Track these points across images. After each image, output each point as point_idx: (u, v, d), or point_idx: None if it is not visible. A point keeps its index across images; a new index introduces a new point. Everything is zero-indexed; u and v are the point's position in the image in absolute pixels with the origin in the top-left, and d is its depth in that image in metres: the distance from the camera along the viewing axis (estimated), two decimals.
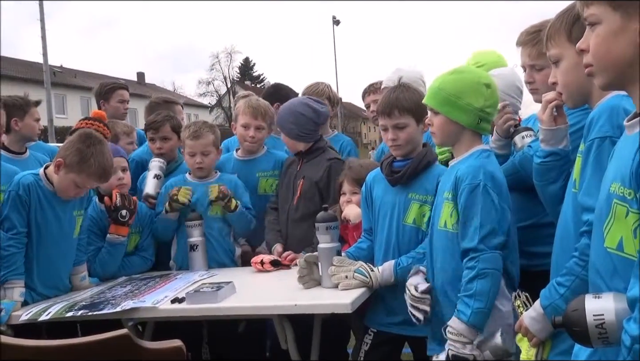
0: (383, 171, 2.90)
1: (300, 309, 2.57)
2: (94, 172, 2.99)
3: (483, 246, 2.28)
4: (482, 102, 2.43)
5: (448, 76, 2.50)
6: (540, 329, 1.96)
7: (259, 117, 3.77)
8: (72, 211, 3.12)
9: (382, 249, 2.87)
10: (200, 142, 3.58)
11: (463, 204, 2.35)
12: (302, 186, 3.47)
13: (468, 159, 2.44)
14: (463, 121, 2.44)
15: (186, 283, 3.07)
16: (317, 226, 2.79)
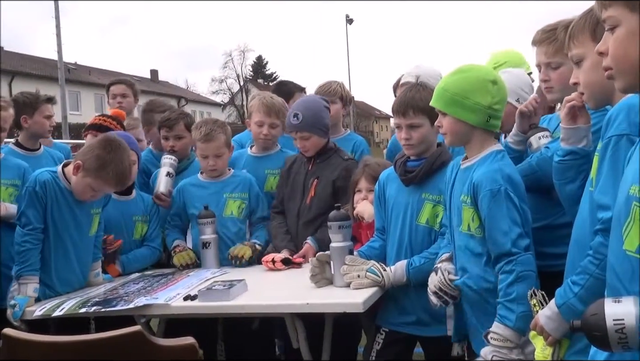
0: (397, 170, 2.89)
1: (312, 308, 2.57)
2: (110, 180, 3.02)
3: (516, 250, 2.26)
4: (489, 99, 2.41)
5: (452, 76, 2.48)
6: (555, 328, 1.95)
7: (273, 115, 3.77)
8: (89, 209, 3.16)
9: (394, 249, 2.86)
10: (213, 145, 3.58)
11: (486, 210, 2.31)
12: (316, 186, 3.46)
13: (483, 163, 2.41)
14: (472, 120, 2.42)
15: (198, 280, 3.08)
16: (330, 225, 2.78)
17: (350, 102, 4.40)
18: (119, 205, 3.54)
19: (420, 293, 2.76)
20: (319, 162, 3.52)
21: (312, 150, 3.50)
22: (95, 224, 3.20)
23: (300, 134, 3.46)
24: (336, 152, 3.54)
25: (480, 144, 2.46)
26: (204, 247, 3.45)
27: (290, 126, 3.50)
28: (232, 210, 3.62)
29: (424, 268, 2.70)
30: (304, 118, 3.47)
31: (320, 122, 3.54)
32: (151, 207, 3.65)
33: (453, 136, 2.49)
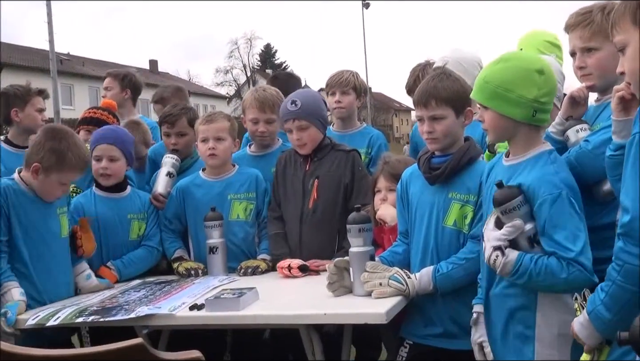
0: (420, 168, 2.88)
1: (330, 318, 2.57)
2: (75, 167, 3.11)
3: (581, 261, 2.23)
4: (535, 91, 2.38)
5: (494, 65, 2.46)
6: (588, 335, 1.97)
7: (268, 110, 3.77)
8: (55, 209, 3.19)
9: (419, 254, 2.85)
10: (213, 126, 3.59)
11: (546, 216, 2.27)
12: (317, 186, 3.45)
13: (534, 165, 2.37)
14: (516, 115, 2.39)
15: (205, 288, 3.09)
16: (349, 228, 2.77)
17: (366, 93, 4.40)
18: (111, 203, 3.58)
19: (448, 302, 2.76)
20: (316, 161, 3.50)
21: (309, 144, 3.48)
22: (64, 224, 3.24)
23: (298, 122, 3.44)
24: (333, 148, 3.53)
25: (526, 141, 2.43)
26: (210, 252, 3.46)
27: (287, 113, 3.47)
28: (238, 213, 3.62)
29: (452, 275, 2.70)
30: (302, 105, 3.46)
31: (320, 112, 3.53)
32: (149, 204, 3.68)
33: (496, 132, 2.47)
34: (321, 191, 3.44)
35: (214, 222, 3.45)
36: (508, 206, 2.32)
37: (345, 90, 4.09)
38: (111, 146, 3.53)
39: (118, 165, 3.54)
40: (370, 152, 4.08)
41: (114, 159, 3.54)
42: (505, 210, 2.33)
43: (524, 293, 2.37)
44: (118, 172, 3.56)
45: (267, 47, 64.99)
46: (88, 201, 3.57)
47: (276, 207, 3.59)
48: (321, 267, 3.22)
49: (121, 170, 3.58)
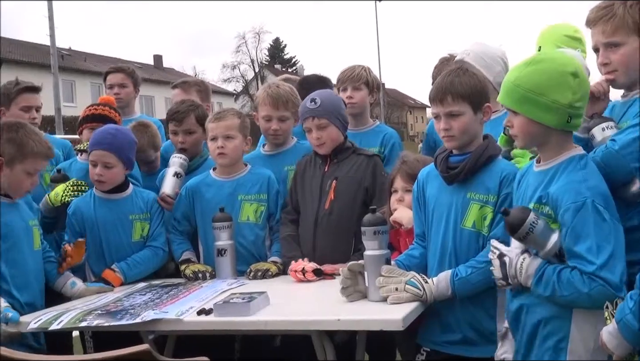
0: (438, 167, 2.88)
1: (343, 325, 2.57)
2: (38, 153, 3.16)
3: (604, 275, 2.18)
4: (570, 96, 2.34)
5: (524, 68, 2.41)
6: (617, 345, 1.96)
7: (281, 107, 3.77)
8: (27, 220, 3.23)
9: (436, 257, 2.85)
10: (222, 123, 3.60)
11: (570, 225, 2.25)
12: (335, 187, 3.45)
13: (564, 171, 2.35)
14: (550, 122, 2.36)
15: (214, 292, 3.10)
16: (364, 230, 2.77)
17: (379, 89, 4.38)
18: (111, 204, 3.60)
19: (466, 307, 2.76)
20: (336, 162, 3.51)
21: (328, 144, 3.49)
22: (37, 237, 3.27)
23: (318, 121, 3.46)
24: (355, 152, 3.55)
25: (558, 147, 2.41)
26: (219, 254, 3.47)
27: (306, 111, 3.50)
28: (249, 215, 3.63)
29: (471, 280, 2.69)
30: (322, 104, 3.49)
31: (340, 112, 3.55)
32: (152, 203, 3.69)
33: (526, 138, 2.44)
34: (339, 192, 3.44)
35: (223, 223, 3.46)
36: (522, 232, 2.31)
37: (357, 85, 4.09)
38: (107, 152, 3.53)
39: (113, 172, 3.55)
40: (384, 151, 4.08)
41: (109, 166, 3.54)
42: (521, 237, 2.33)
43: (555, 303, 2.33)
44: (113, 179, 3.58)
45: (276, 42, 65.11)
46: (87, 203, 3.60)
47: (292, 209, 3.61)
48: (336, 271, 3.21)
49: (117, 177, 3.59)
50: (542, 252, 2.33)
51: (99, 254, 3.55)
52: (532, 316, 2.41)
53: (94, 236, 3.55)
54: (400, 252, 3.06)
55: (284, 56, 65.58)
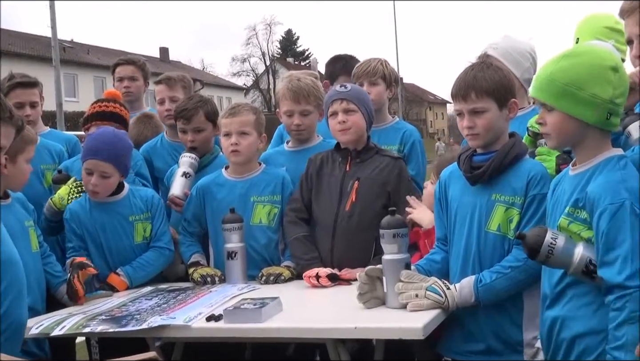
0: (461, 167, 2.87)
1: (360, 333, 2.56)
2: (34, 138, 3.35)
3: (632, 283, 2.17)
4: (610, 91, 2.32)
5: (562, 60, 2.39)
6: None
7: (303, 101, 3.77)
8: (22, 221, 3.25)
9: (459, 262, 2.85)
10: (237, 119, 3.61)
11: (605, 229, 2.23)
12: (357, 188, 3.45)
13: (602, 171, 2.33)
14: (589, 118, 2.33)
15: (223, 297, 3.10)
16: (382, 233, 2.77)
17: (397, 84, 4.37)
18: (108, 207, 3.60)
19: (490, 315, 2.75)
20: (358, 162, 3.50)
21: (353, 131, 3.47)
22: (34, 238, 3.29)
23: (346, 104, 3.47)
24: (378, 152, 3.54)
25: (595, 148, 2.38)
26: (229, 257, 3.47)
27: (334, 94, 3.52)
28: (261, 217, 3.64)
29: (496, 286, 2.69)
30: (353, 89, 3.54)
31: (369, 105, 3.57)
32: (151, 201, 3.69)
33: (561, 137, 2.41)
34: (361, 194, 3.43)
35: (233, 224, 3.46)
36: (542, 255, 2.31)
37: (373, 80, 4.07)
38: (104, 163, 3.51)
39: (110, 182, 3.55)
40: (403, 149, 4.07)
41: (106, 176, 3.52)
42: (542, 260, 2.32)
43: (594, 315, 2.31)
44: (109, 188, 3.57)
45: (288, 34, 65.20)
46: (83, 207, 3.60)
47: (302, 207, 3.59)
48: (353, 277, 3.21)
49: (112, 186, 3.58)
50: (570, 271, 2.32)
51: (101, 259, 3.56)
52: (567, 330, 2.38)
53: (95, 240, 3.57)
54: (422, 254, 3.05)
55: (296, 49, 65.66)
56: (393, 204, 3.33)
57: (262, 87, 56.25)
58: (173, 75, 4.43)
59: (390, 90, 4.19)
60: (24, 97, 4.10)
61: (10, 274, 2.40)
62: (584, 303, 2.35)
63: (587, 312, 2.33)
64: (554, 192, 2.54)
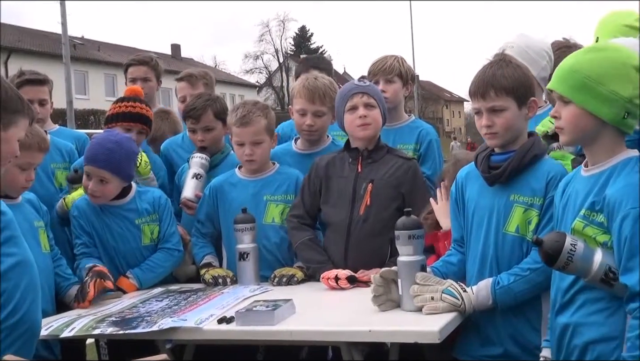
0: (478, 167, 2.86)
1: (375, 336, 2.57)
2: (31, 145, 3.20)
3: None
4: (630, 90, 2.29)
5: (584, 54, 2.38)
6: None
7: (318, 101, 3.76)
8: (32, 221, 3.27)
9: (476, 264, 2.84)
10: (250, 129, 3.60)
11: (628, 234, 2.18)
12: (371, 191, 3.44)
13: (620, 173, 2.29)
14: (604, 115, 2.31)
15: (235, 299, 3.11)
16: (397, 234, 2.77)
17: (414, 81, 4.36)
18: (115, 211, 3.62)
19: (508, 319, 2.75)
20: (370, 163, 3.49)
21: (373, 127, 3.45)
22: (43, 238, 3.31)
23: (367, 99, 3.45)
24: (389, 152, 3.53)
25: (609, 148, 2.35)
26: (240, 258, 3.48)
27: (354, 87, 3.50)
28: (274, 216, 3.65)
29: (513, 288, 2.68)
30: (372, 85, 3.54)
31: (384, 103, 3.57)
32: (158, 202, 3.69)
33: (574, 132, 2.37)
34: (375, 197, 3.41)
35: (245, 225, 3.47)
36: (561, 262, 2.29)
37: (389, 78, 4.06)
38: (101, 170, 3.51)
39: (108, 188, 3.54)
40: (419, 148, 4.06)
41: (104, 181, 3.52)
42: (561, 266, 2.30)
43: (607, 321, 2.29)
44: (108, 194, 3.57)
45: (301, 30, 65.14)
46: (91, 207, 3.61)
47: (304, 213, 3.57)
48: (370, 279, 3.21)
49: (112, 192, 3.58)
50: (587, 278, 2.30)
51: (108, 260, 3.58)
52: (579, 337, 2.36)
53: (102, 241, 3.59)
54: (439, 256, 3.05)
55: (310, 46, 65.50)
56: (408, 206, 3.32)
57: (275, 85, 56.24)
58: (195, 72, 4.43)
59: (407, 88, 4.18)
60: (32, 95, 4.10)
61: (27, 276, 2.41)
62: (596, 310, 2.32)
63: (600, 318, 2.31)
64: (563, 192, 2.51)
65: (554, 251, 2.29)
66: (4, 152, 2.60)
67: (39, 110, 4.12)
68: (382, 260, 3.28)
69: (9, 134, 2.63)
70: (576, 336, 2.36)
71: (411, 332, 2.54)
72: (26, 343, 2.38)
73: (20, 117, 2.58)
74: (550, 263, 2.32)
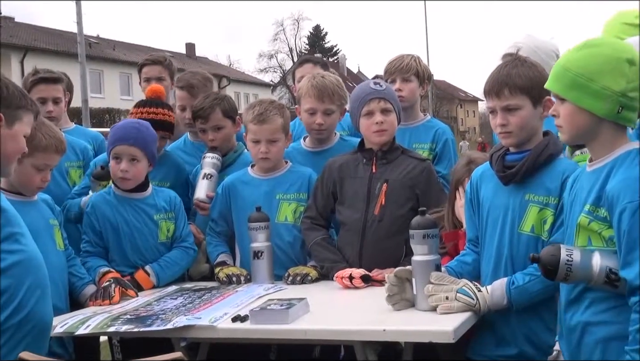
0: (493, 166, 2.85)
1: (389, 335, 2.56)
2: (47, 146, 3.21)
3: None
4: (623, 84, 2.29)
5: (577, 52, 2.38)
6: None
7: (327, 100, 3.75)
8: (47, 219, 3.29)
9: (491, 264, 2.83)
10: (266, 127, 3.61)
11: (625, 228, 2.17)
12: (386, 191, 3.43)
13: (620, 166, 2.29)
14: (598, 110, 2.30)
15: (250, 297, 3.12)
16: (412, 233, 2.77)
17: (430, 80, 4.36)
18: (134, 204, 3.64)
19: (523, 319, 2.74)
20: (384, 163, 3.49)
21: (389, 132, 3.46)
22: (58, 236, 3.33)
23: (384, 104, 3.45)
24: (404, 153, 3.53)
25: (609, 142, 2.34)
26: (255, 257, 3.49)
27: (372, 92, 3.48)
28: (287, 215, 3.65)
29: (529, 288, 2.67)
30: (387, 88, 3.53)
31: (399, 104, 3.57)
32: (174, 202, 3.72)
33: (572, 130, 2.37)
34: (390, 197, 3.41)
35: (260, 223, 3.47)
36: (561, 275, 2.30)
37: (406, 77, 4.06)
38: (132, 147, 3.55)
39: (139, 167, 3.58)
40: (435, 148, 4.06)
41: (135, 160, 3.55)
42: (562, 279, 2.31)
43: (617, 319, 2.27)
44: (138, 175, 3.60)
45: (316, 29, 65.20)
46: (108, 202, 3.62)
47: (317, 216, 3.58)
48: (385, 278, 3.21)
49: (142, 173, 3.61)
50: (592, 283, 2.29)
51: (121, 256, 3.59)
52: (590, 336, 2.35)
53: (116, 235, 3.59)
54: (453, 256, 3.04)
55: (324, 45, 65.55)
56: (422, 206, 3.32)
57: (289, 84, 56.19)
58: (194, 81, 4.43)
59: (423, 87, 4.18)
60: (46, 93, 4.13)
61: (33, 274, 2.42)
62: (605, 308, 2.31)
63: (610, 317, 2.29)
64: (571, 189, 2.51)
65: (552, 265, 2.31)
66: (10, 149, 2.61)
67: (53, 108, 4.13)
68: (396, 260, 3.28)
69: (14, 130, 2.65)
70: (586, 335, 2.35)
71: (426, 332, 2.53)
72: (36, 340, 2.39)
73: (23, 112, 2.61)
74: (550, 277, 2.34)
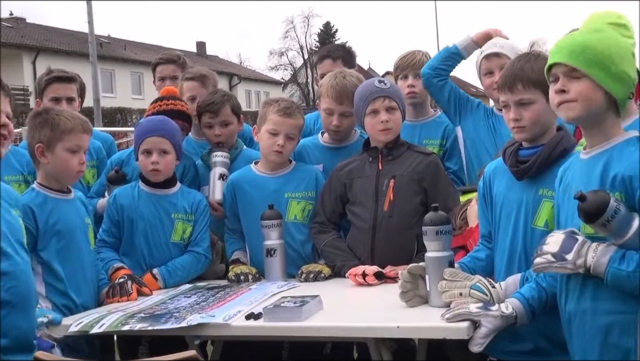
0: (506, 161, 2.84)
1: (403, 332, 2.56)
2: (73, 127, 3.23)
3: None
4: (633, 73, 2.33)
5: (592, 34, 2.39)
6: None
7: (345, 102, 3.70)
8: (83, 218, 3.32)
9: (504, 260, 2.82)
10: (290, 121, 3.61)
11: None
12: (393, 187, 3.43)
13: (622, 151, 2.29)
14: (617, 91, 2.32)
15: (263, 295, 3.12)
16: (425, 230, 2.76)
17: None
18: (155, 199, 3.65)
19: (537, 314, 2.71)
20: (390, 160, 3.49)
21: (394, 130, 3.47)
22: (91, 235, 3.36)
23: (389, 102, 3.45)
24: (409, 148, 3.52)
25: (609, 131, 2.36)
26: (268, 255, 3.49)
27: (377, 91, 3.47)
28: (296, 213, 3.66)
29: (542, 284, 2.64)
30: (392, 86, 3.52)
31: (404, 102, 3.57)
32: (198, 205, 3.71)
33: (586, 107, 2.33)
34: (398, 192, 3.41)
35: (272, 221, 3.48)
36: (602, 220, 2.22)
37: (419, 73, 4.06)
38: (161, 139, 3.59)
39: (168, 159, 3.60)
40: (445, 144, 4.06)
41: (165, 153, 3.58)
42: (601, 224, 2.24)
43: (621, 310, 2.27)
44: (168, 168, 3.62)
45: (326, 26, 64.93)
46: (130, 195, 3.65)
47: (326, 221, 3.59)
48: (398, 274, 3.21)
49: (171, 165, 3.64)
50: (621, 241, 2.26)
51: (132, 251, 3.61)
52: (590, 323, 2.35)
53: (130, 230, 3.61)
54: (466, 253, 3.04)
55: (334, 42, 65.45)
56: (431, 200, 3.32)
57: (300, 82, 56.17)
58: (205, 72, 4.43)
59: None
60: (60, 92, 4.15)
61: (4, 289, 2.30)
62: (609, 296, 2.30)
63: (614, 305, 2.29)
64: (562, 180, 2.52)
65: (599, 206, 2.21)
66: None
67: (66, 107, 4.14)
68: (408, 256, 3.28)
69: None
70: (587, 322, 2.36)
71: (439, 328, 2.52)
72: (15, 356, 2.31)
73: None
74: (590, 219, 2.24)
